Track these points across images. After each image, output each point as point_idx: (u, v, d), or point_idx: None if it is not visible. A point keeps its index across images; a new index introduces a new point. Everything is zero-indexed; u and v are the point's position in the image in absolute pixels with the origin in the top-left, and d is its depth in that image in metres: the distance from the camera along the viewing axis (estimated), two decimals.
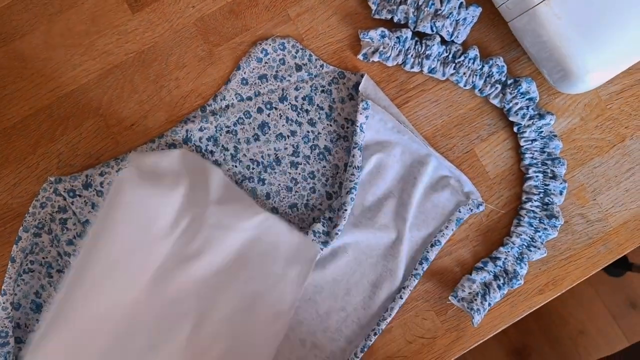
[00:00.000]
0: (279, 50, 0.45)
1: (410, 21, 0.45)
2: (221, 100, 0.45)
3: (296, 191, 0.46)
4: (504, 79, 0.45)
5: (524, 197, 0.46)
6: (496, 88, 0.45)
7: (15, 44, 0.44)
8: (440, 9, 0.44)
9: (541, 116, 0.45)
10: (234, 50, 0.46)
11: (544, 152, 0.46)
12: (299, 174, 0.46)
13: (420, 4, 0.45)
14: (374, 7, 0.45)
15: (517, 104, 0.45)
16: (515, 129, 0.46)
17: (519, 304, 0.47)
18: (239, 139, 0.45)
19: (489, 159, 0.47)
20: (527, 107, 0.45)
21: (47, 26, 0.45)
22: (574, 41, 0.39)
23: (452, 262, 0.46)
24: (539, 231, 0.45)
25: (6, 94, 0.44)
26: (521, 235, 0.45)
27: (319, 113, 0.46)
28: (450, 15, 0.44)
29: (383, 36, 0.44)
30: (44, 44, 0.45)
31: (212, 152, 0.45)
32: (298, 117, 0.46)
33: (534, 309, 0.47)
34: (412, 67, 0.45)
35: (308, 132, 0.46)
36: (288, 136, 0.46)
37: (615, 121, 0.48)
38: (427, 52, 0.45)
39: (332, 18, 0.46)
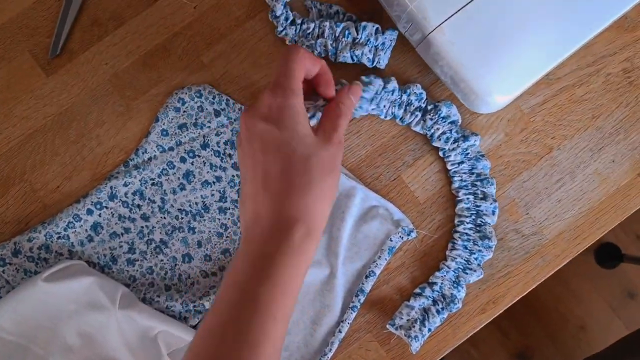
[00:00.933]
0: (195, 98, 0.46)
1: (330, 53, 0.45)
2: (143, 153, 0.46)
3: (227, 236, 0.46)
4: (423, 105, 0.45)
5: (456, 220, 0.46)
6: (416, 115, 0.45)
7: None
8: (357, 37, 0.45)
9: (465, 138, 0.45)
10: (151, 103, 0.46)
11: (473, 173, 0.46)
12: (228, 219, 0.46)
13: (337, 35, 0.45)
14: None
15: (438, 129, 0.45)
16: (440, 154, 0.46)
17: (462, 326, 0.46)
18: (164, 190, 0.46)
19: (417, 184, 0.47)
20: (450, 131, 0.45)
21: None
22: (470, 66, 0.39)
23: (391, 290, 0.46)
24: (474, 253, 0.45)
25: None
26: (456, 258, 0.45)
27: None
28: (368, 42, 0.45)
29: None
30: None
31: (139, 206, 0.45)
32: (222, 162, 0.46)
33: (478, 329, 0.47)
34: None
35: (233, 176, 0.46)
36: (214, 182, 0.46)
37: (541, 133, 0.48)
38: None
39: (246, 61, 0.46)
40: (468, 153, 0.46)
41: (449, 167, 0.46)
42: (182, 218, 0.46)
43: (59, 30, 0.45)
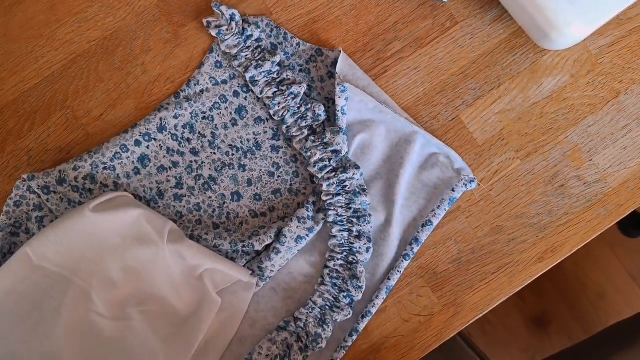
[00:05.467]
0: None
1: None
2: (195, 85, 0.43)
3: (279, 176, 0.44)
4: (314, 127, 0.42)
5: (327, 255, 0.43)
6: (303, 133, 0.42)
7: None
8: None
9: (345, 169, 0.41)
10: (200, 31, 0.44)
11: (350, 208, 0.42)
12: (281, 157, 0.44)
13: None
14: None
15: (315, 154, 0.41)
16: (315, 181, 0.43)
17: (518, 274, 0.45)
18: (216, 125, 0.44)
19: (476, 125, 0.45)
20: (329, 160, 0.42)
21: (5, 18, 0.43)
22: None
23: (445, 235, 0.45)
24: (343, 291, 0.42)
25: None
26: (324, 294, 0.42)
27: None
28: None
29: (232, 19, 0.42)
30: (3, 38, 0.43)
31: (188, 140, 0.43)
32: None
33: (534, 278, 0.45)
34: (239, 66, 0.42)
35: None
36: (267, 119, 0.44)
37: (608, 76, 0.45)
38: (260, 63, 0.42)
39: None
40: (346, 186, 0.42)
41: (324, 198, 0.42)
42: (232, 154, 0.44)
43: None
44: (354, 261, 0.42)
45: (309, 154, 0.42)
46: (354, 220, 0.42)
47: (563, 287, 1.18)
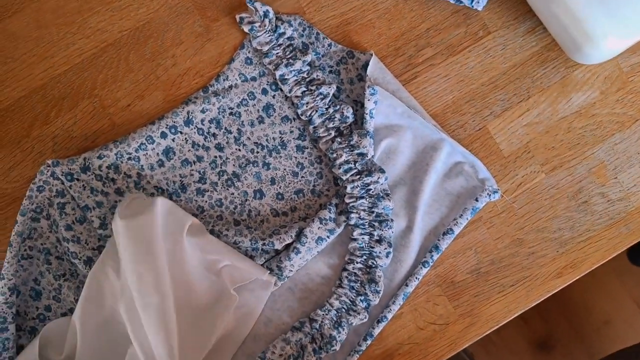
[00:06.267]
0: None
1: None
2: (224, 80, 0.43)
3: (302, 176, 0.44)
4: (341, 128, 0.42)
5: (347, 257, 0.43)
6: (329, 134, 0.42)
7: (4, 23, 0.43)
8: None
9: (370, 172, 0.41)
10: (232, 26, 0.43)
11: (372, 212, 0.42)
12: (306, 158, 0.44)
13: None
14: None
15: (341, 155, 0.41)
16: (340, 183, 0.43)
17: (535, 288, 0.45)
18: (242, 121, 0.43)
19: (503, 136, 0.45)
20: (354, 162, 0.41)
21: (38, 4, 0.43)
22: (590, 5, 0.36)
23: (465, 244, 0.44)
24: (361, 295, 0.42)
25: None
26: (341, 297, 0.42)
27: None
28: None
29: (266, 16, 0.41)
30: (35, 23, 0.43)
31: (214, 135, 0.43)
32: None
33: (552, 293, 0.45)
34: (269, 63, 0.42)
35: None
36: (294, 119, 0.44)
37: (638, 94, 0.45)
38: (290, 61, 0.42)
39: None
40: (370, 189, 0.42)
41: (347, 200, 0.42)
42: (257, 152, 0.44)
43: None
44: (373, 265, 0.42)
45: (334, 155, 0.42)
46: (376, 224, 0.42)
47: (569, 311, 1.18)
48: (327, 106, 0.42)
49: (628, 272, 1.20)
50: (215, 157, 0.43)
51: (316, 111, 0.42)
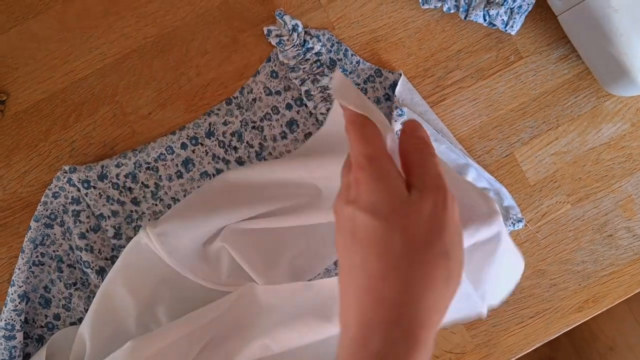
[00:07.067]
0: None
1: (461, 9, 0.41)
2: (248, 93, 0.42)
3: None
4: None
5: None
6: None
7: (28, 23, 0.42)
8: None
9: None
10: (259, 38, 0.42)
11: None
12: None
13: None
14: None
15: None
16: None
17: (555, 321, 0.44)
18: (265, 136, 0.42)
19: (530, 164, 0.44)
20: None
21: (63, 5, 0.42)
22: (631, 37, 0.35)
23: None
24: None
25: (18, 77, 0.42)
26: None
27: None
28: (505, 3, 0.41)
29: (295, 30, 0.41)
30: (58, 25, 0.42)
31: (235, 149, 0.42)
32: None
33: (571, 327, 0.44)
34: (295, 78, 0.41)
35: None
36: None
37: None
38: (317, 77, 0.41)
39: (367, 5, 0.43)
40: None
41: None
42: None
43: None
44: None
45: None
46: None
47: (574, 335, 1.16)
48: None
49: (636, 297, 1.18)
50: None
51: None
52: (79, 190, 0.41)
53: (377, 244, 0.23)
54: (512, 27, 0.41)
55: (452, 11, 0.42)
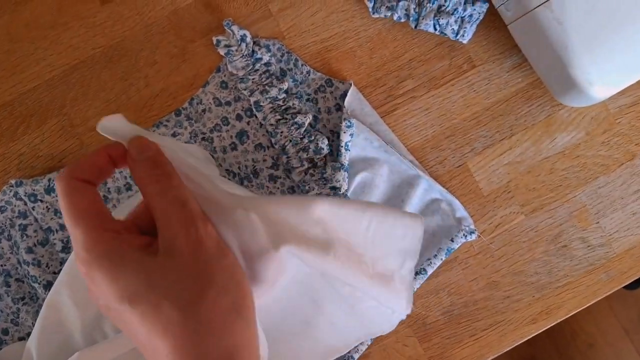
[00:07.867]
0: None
1: (411, 19, 0.41)
2: (197, 104, 0.42)
3: None
4: (316, 160, 0.41)
5: None
6: (302, 165, 0.41)
7: None
8: (444, 5, 0.40)
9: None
10: (208, 48, 0.42)
11: None
12: (278, 188, 0.43)
13: None
14: (370, 5, 0.41)
15: (313, 188, 0.40)
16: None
17: (509, 334, 0.43)
18: (214, 147, 0.42)
19: (483, 174, 0.43)
20: (327, 196, 0.40)
21: (11, 16, 0.42)
22: (576, 49, 0.35)
23: (439, 285, 0.43)
24: None
25: None
26: None
27: None
28: (455, 12, 0.40)
29: (243, 40, 0.40)
30: (6, 35, 0.42)
31: None
32: None
33: (525, 339, 0.43)
34: (244, 89, 0.41)
35: None
36: (268, 147, 0.42)
37: (624, 137, 0.43)
38: (266, 88, 0.41)
39: (318, 14, 0.42)
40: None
41: None
42: (228, 180, 0.42)
43: None
44: None
45: (306, 187, 0.40)
46: None
47: (554, 333, 1.17)
48: (301, 136, 0.41)
49: (617, 296, 1.18)
50: None
51: (290, 141, 0.41)
52: (25, 204, 0.41)
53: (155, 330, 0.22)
54: (462, 36, 0.41)
55: (402, 20, 0.41)
